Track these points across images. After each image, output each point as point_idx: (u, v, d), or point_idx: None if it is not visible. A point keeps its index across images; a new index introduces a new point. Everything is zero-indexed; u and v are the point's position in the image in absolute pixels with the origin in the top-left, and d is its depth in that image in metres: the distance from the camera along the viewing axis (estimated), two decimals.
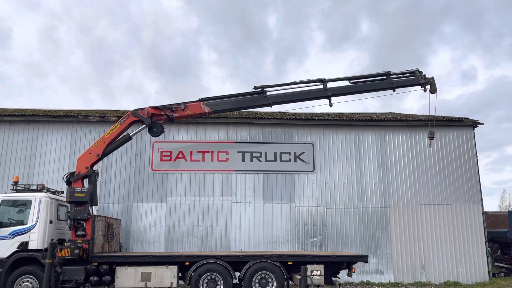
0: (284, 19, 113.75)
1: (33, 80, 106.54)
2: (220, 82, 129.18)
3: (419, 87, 13.92)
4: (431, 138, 14.20)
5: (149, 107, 12.55)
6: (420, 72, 13.85)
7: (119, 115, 15.58)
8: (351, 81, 13.60)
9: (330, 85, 13.38)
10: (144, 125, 12.49)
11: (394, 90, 13.82)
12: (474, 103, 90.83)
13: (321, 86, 13.31)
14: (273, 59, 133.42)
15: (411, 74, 13.92)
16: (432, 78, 13.85)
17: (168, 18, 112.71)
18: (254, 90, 13.20)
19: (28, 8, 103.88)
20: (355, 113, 18.44)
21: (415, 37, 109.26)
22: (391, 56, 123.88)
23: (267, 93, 13.16)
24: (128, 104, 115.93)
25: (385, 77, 13.65)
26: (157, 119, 12.65)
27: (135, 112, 12.43)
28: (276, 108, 14.09)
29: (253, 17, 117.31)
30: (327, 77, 13.37)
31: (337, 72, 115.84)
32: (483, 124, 16.34)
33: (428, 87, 13.85)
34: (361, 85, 13.68)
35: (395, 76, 13.78)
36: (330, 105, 13.48)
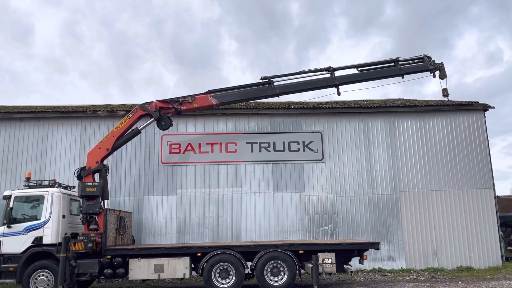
0: (307, 5, 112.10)
1: (54, 76, 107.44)
2: (240, 73, 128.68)
3: (428, 73, 13.75)
4: (446, 95, 14.00)
5: (157, 100, 12.59)
6: (429, 57, 13.67)
7: (127, 109, 15.66)
8: (359, 69, 13.48)
9: (338, 73, 13.28)
10: (153, 118, 12.53)
11: (402, 77, 13.67)
12: (494, 86, 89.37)
13: (329, 75, 13.22)
14: (294, 47, 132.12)
15: (420, 60, 13.73)
16: (441, 63, 13.67)
17: (189, 9, 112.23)
18: (261, 80, 13.16)
19: (50, 4, 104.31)
20: (363, 101, 18.31)
21: (441, 19, 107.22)
22: (416, 39, 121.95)
23: (274, 84, 13.11)
24: (147, 97, 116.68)
25: (393, 63, 13.49)
26: (165, 112, 12.69)
27: (143, 106, 12.48)
28: (289, 97, 14.02)
29: (276, 4, 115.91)
30: (337, 65, 13.29)
31: (359, 59, 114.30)
32: (493, 107, 16.14)
33: (437, 72, 13.68)
34: (369, 72, 13.55)
35: (403, 62, 13.61)
36: (338, 93, 13.45)
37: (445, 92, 13.96)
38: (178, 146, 15.58)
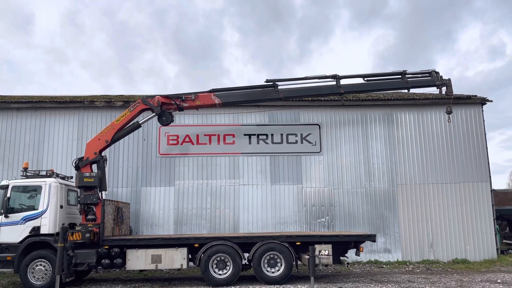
0: None
1: (54, 66, 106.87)
2: (241, 64, 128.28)
3: (434, 88, 13.87)
4: (449, 112, 14.08)
5: (160, 95, 12.56)
6: (437, 73, 13.76)
7: (125, 100, 15.65)
8: (365, 79, 13.58)
9: (343, 81, 13.42)
10: (154, 113, 12.51)
11: (408, 90, 13.83)
12: (495, 79, 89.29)
13: (334, 83, 13.29)
14: (297, 39, 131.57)
15: (428, 74, 13.82)
16: (449, 79, 13.78)
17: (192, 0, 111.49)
18: (265, 83, 13.18)
19: None
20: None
21: (445, 12, 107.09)
22: (419, 32, 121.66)
23: (279, 87, 13.13)
24: (148, 88, 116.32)
25: (400, 76, 13.56)
26: (167, 108, 12.68)
27: (145, 100, 12.44)
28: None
29: None
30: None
31: (361, 51, 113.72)
32: (491, 101, 16.17)
33: (444, 88, 13.75)
34: (375, 83, 13.69)
35: (410, 76, 13.69)
36: (342, 102, 13.61)
37: (448, 109, 14.04)
38: (176, 138, 15.57)
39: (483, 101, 16.17)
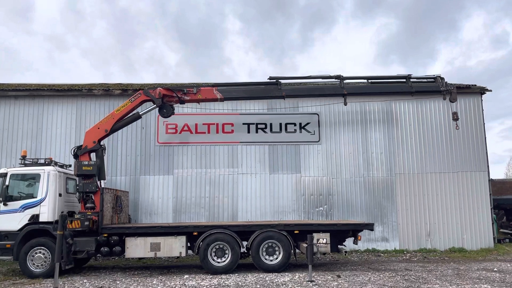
0: None
1: (54, 53, 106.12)
2: (243, 52, 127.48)
3: (434, 78, 13.86)
4: (455, 119, 14.03)
5: (161, 88, 12.50)
6: (442, 78, 13.66)
7: (123, 88, 15.58)
8: (369, 81, 13.53)
9: (346, 81, 13.38)
10: (155, 105, 12.46)
11: (412, 95, 13.76)
12: (496, 69, 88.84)
13: (338, 83, 13.24)
14: (299, 27, 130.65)
15: (432, 79, 13.72)
16: (454, 87, 13.66)
17: None
18: (268, 80, 13.13)
19: None
20: (360, 83, 18.19)
21: (448, 0, 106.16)
22: (422, 21, 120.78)
23: (281, 85, 13.08)
24: (148, 76, 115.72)
25: (404, 80, 13.50)
26: (168, 100, 12.63)
27: (146, 92, 12.38)
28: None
29: None
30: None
31: (364, 40, 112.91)
32: (491, 90, 16.14)
33: (449, 93, 13.73)
34: (379, 86, 13.67)
35: (415, 80, 13.61)
36: (345, 103, 13.64)
37: (455, 116, 13.96)
38: (175, 126, 15.54)
39: (482, 91, 16.14)
